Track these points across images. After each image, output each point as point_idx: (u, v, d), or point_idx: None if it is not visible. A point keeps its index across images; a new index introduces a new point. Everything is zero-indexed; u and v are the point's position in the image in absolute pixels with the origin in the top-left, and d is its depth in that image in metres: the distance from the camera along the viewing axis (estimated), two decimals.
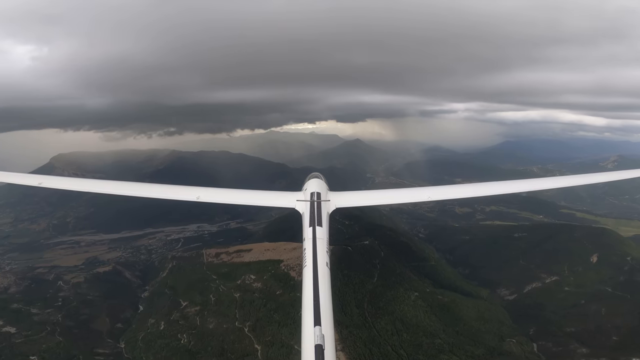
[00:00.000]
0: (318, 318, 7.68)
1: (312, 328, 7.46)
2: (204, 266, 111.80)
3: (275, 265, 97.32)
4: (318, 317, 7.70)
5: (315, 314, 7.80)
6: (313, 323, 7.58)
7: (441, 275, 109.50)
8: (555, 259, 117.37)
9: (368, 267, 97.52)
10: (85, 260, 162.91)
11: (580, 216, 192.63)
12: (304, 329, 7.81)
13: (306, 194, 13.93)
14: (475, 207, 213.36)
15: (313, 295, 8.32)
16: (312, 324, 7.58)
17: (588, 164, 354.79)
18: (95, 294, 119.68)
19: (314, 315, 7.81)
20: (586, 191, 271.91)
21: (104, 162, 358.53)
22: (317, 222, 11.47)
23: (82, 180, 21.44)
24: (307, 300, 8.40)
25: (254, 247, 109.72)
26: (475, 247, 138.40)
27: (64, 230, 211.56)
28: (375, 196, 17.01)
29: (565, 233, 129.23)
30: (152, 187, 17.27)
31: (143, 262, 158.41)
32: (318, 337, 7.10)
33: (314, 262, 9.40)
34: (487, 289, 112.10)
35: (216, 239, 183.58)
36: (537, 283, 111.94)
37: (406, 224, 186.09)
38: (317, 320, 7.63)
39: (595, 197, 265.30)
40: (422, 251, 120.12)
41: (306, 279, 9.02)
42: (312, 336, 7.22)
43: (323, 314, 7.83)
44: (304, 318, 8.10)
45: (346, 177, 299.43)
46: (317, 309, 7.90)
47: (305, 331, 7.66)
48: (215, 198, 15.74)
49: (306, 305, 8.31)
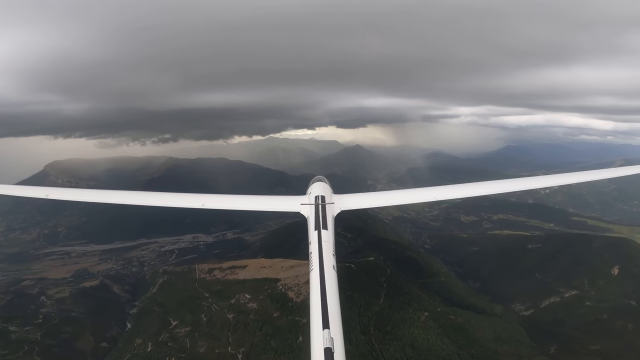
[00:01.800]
0: (326, 321, 7.64)
1: (321, 331, 7.41)
2: (196, 283, 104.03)
3: (272, 285, 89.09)
4: (326, 320, 7.65)
5: (323, 317, 7.74)
6: (322, 326, 7.53)
7: (452, 292, 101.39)
8: (573, 272, 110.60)
9: (374, 286, 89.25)
10: (74, 273, 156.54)
11: (592, 224, 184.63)
12: (312, 333, 7.69)
13: (310, 197, 13.51)
14: (482, 215, 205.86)
15: (321, 299, 8.24)
16: (321, 327, 7.52)
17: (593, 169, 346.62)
18: (79, 310, 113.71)
19: (322, 318, 7.74)
20: (594, 197, 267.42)
21: (99, 170, 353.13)
22: (323, 225, 11.26)
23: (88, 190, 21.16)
24: (315, 303, 8.27)
25: (249, 263, 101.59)
26: (486, 258, 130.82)
27: (55, 241, 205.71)
28: (380, 198, 16.56)
29: (582, 244, 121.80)
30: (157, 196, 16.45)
31: (134, 275, 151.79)
32: (327, 340, 7.11)
33: (320, 265, 9.35)
34: (500, 304, 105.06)
35: (212, 250, 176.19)
36: (555, 297, 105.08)
37: (410, 234, 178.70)
38: (326, 323, 7.59)
39: (604, 203, 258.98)
40: (431, 266, 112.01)
41: (313, 283, 8.92)
42: (321, 339, 7.18)
43: (331, 316, 7.77)
44: (312, 321, 7.92)
45: (347, 184, 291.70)
46: (325, 312, 7.86)
47: (314, 334, 7.58)
48: (220, 204, 15.64)
49: (314, 308, 8.18)
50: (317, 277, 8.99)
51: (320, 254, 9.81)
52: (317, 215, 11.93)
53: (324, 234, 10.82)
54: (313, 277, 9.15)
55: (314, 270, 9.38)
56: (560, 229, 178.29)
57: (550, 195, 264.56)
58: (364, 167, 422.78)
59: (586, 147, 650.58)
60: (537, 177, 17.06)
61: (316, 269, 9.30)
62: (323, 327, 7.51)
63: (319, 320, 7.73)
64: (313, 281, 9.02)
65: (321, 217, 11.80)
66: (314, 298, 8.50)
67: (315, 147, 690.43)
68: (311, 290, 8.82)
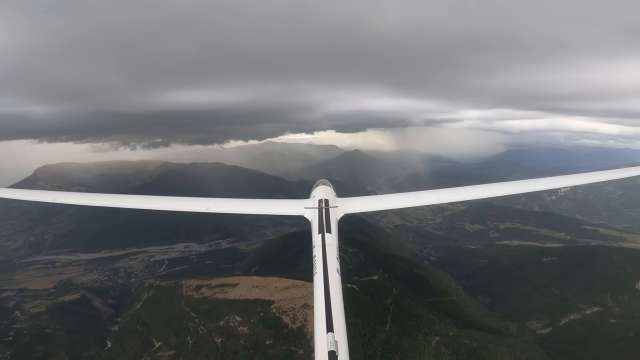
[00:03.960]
0: (330, 324, 7.63)
1: (325, 335, 7.39)
2: (183, 300, 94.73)
3: (265, 307, 79.34)
4: (330, 324, 7.64)
5: (327, 321, 7.74)
6: (326, 330, 7.51)
7: (464, 312, 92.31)
8: (594, 287, 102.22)
9: (379, 310, 79.52)
10: (57, 284, 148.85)
11: (604, 232, 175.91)
12: (316, 336, 7.71)
13: (314, 201, 13.39)
14: (488, 223, 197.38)
15: (325, 302, 8.25)
16: (325, 330, 7.50)
17: None
18: (56, 326, 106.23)
19: (326, 321, 7.75)
20: (601, 203, 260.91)
21: (91, 175, 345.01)
22: (326, 228, 11.22)
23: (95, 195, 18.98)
24: (319, 307, 8.29)
25: (241, 281, 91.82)
26: (497, 272, 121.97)
27: (40, 249, 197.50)
28: (383, 201, 16.85)
29: (602, 256, 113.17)
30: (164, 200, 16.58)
31: (120, 287, 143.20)
32: (331, 343, 7.08)
33: (324, 268, 9.33)
34: (515, 322, 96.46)
35: (204, 261, 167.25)
36: (575, 314, 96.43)
37: (414, 244, 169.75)
38: (330, 326, 7.58)
39: (612, 209, 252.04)
40: (440, 283, 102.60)
41: (317, 286, 8.87)
42: (325, 343, 7.15)
43: (335, 320, 7.77)
44: (316, 325, 7.96)
45: (346, 190, 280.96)
46: (329, 315, 7.87)
47: (318, 338, 7.56)
48: (224, 208, 15.32)
49: (318, 312, 8.20)
50: (321, 281, 8.89)
51: (324, 257, 9.71)
52: (321, 219, 11.79)
53: (328, 238, 10.68)
54: (317, 280, 9.03)
55: (317, 273, 9.30)
56: (571, 238, 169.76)
57: (557, 202, 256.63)
58: (363, 173, 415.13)
59: (587, 151, 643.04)
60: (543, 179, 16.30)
61: (320, 272, 9.21)
62: (327, 330, 7.44)
63: (323, 324, 7.65)
64: (317, 285, 8.89)
65: (325, 221, 11.64)
66: (318, 302, 8.40)
67: (313, 151, 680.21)
68: (315, 294, 8.69)
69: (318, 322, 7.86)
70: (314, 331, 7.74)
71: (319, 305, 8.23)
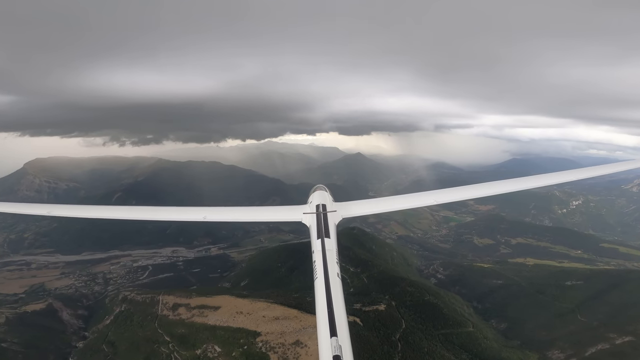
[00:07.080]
0: (334, 329, 7.40)
1: (329, 339, 7.16)
2: (157, 321, 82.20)
3: (250, 339, 66.61)
4: (334, 328, 7.41)
5: (330, 325, 7.51)
6: (329, 335, 7.28)
7: (481, 345, 79.55)
8: (625, 314, 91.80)
9: (385, 349, 66.66)
10: (28, 288, 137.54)
11: (624, 251, 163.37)
12: (320, 342, 7.43)
13: (312, 206, 12.93)
14: (498, 238, 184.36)
15: (327, 307, 7.96)
16: (329, 335, 7.27)
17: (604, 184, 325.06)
18: (13, 340, 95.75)
19: (329, 326, 7.51)
20: (614, 218, 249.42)
21: (83, 170, 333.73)
22: (325, 233, 10.98)
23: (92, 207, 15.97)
24: (322, 311, 7.97)
25: (223, 303, 78.84)
26: (513, 294, 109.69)
27: (19, 248, 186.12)
28: (380, 204, 15.23)
29: (633, 281, 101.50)
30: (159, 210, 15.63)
31: (95, 295, 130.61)
32: (335, 347, 6.90)
33: (325, 273, 9.07)
34: (534, 351, 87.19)
35: (191, 269, 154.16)
36: (603, 344, 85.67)
37: (419, 258, 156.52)
38: (333, 331, 7.34)
39: (625, 225, 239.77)
40: (455, 312, 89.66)
41: (318, 291, 8.56)
42: (330, 347, 6.95)
43: (338, 324, 7.52)
44: (319, 330, 7.66)
45: (347, 195, 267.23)
46: (332, 319, 7.63)
47: (322, 343, 7.30)
48: (221, 217, 14.72)
49: (320, 317, 7.89)
50: (323, 285, 8.71)
51: (325, 262, 9.57)
52: (320, 224, 11.70)
53: (327, 243, 10.56)
54: (318, 286, 8.85)
55: (318, 278, 9.16)
56: (589, 257, 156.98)
57: (568, 216, 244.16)
58: (364, 177, 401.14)
59: (594, 161, 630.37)
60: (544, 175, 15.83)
61: (321, 277, 9.06)
62: (330, 335, 7.28)
63: (326, 328, 7.50)
64: (318, 290, 8.71)
65: (323, 226, 11.57)
66: (320, 306, 8.18)
67: (314, 153, 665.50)
68: (316, 298, 8.48)
69: (321, 326, 7.50)
70: (317, 336, 7.43)
71: (321, 309, 7.88)
